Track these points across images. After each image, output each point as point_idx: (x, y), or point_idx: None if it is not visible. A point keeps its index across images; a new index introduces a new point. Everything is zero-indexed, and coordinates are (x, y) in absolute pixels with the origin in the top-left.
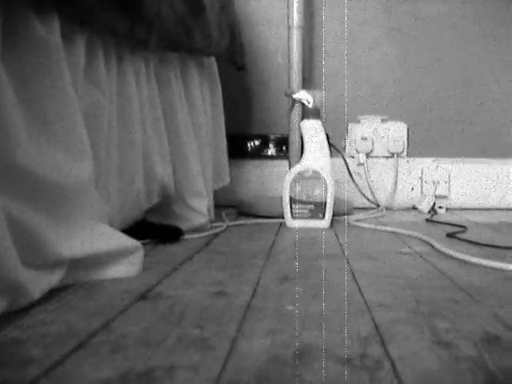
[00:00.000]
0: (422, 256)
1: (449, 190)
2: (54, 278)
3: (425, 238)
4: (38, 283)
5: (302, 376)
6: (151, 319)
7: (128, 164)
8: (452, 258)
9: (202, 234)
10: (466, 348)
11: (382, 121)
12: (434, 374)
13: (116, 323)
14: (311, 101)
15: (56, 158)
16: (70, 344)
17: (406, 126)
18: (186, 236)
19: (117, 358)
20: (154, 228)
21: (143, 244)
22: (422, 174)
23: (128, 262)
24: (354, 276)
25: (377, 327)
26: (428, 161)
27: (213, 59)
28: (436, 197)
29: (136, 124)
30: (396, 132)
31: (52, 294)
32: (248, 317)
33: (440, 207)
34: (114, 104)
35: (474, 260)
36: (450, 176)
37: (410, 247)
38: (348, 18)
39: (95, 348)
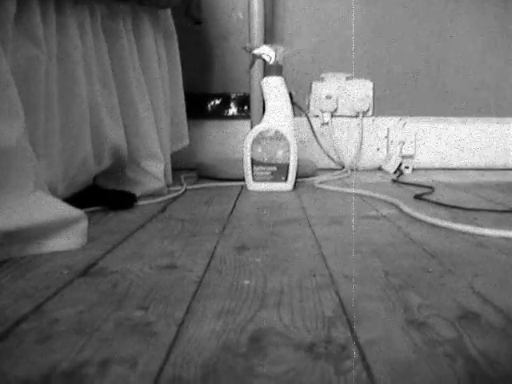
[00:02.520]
0: (389, 220)
1: (415, 149)
2: None
3: (392, 200)
4: None
5: (255, 369)
6: (90, 300)
7: (73, 125)
8: (421, 221)
9: (158, 200)
10: (443, 328)
11: (347, 78)
12: (408, 361)
13: (49, 306)
14: (273, 56)
15: None
16: None
17: (371, 83)
18: (141, 202)
19: (43, 351)
20: (104, 194)
21: (93, 212)
22: (387, 134)
23: (70, 234)
24: (318, 243)
25: (343, 304)
26: (394, 120)
27: (168, 12)
28: (402, 157)
29: (81, 81)
30: (361, 90)
31: None
32: (199, 295)
33: (406, 167)
34: (54, 59)
35: (444, 224)
36: (416, 135)
37: (376, 210)
38: None
39: (20, 338)
